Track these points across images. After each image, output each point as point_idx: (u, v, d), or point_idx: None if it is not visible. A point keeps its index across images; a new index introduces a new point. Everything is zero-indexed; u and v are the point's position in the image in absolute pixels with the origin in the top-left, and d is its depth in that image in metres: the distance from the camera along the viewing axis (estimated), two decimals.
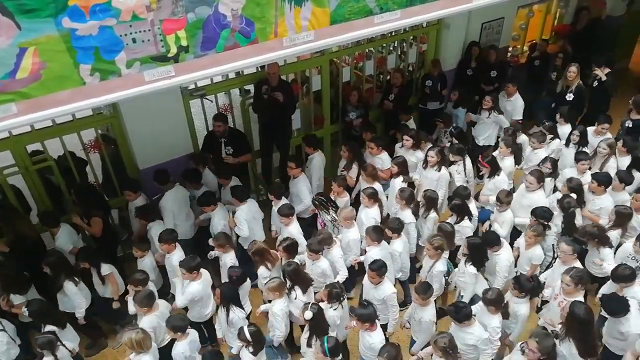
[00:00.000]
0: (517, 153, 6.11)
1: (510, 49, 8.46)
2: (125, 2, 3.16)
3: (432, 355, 4.02)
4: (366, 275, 4.47)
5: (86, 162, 5.79)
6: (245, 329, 4.01)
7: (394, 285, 4.65)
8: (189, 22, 3.46)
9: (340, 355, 3.93)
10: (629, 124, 6.57)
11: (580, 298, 4.23)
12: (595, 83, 7.24)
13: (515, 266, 4.97)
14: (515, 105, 6.94)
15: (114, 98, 3.47)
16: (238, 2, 3.59)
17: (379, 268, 4.30)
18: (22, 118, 3.17)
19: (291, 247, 4.71)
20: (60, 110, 3.29)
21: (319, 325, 4.09)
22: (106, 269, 4.87)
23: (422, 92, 7.43)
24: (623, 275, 4.20)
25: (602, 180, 5.21)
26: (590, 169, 5.66)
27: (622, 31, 9.03)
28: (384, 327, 4.43)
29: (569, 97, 6.90)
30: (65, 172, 5.52)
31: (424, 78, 7.40)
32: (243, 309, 4.40)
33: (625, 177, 5.28)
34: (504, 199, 5.19)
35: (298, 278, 4.48)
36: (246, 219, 5.25)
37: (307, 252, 4.72)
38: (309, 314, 4.02)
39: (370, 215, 5.26)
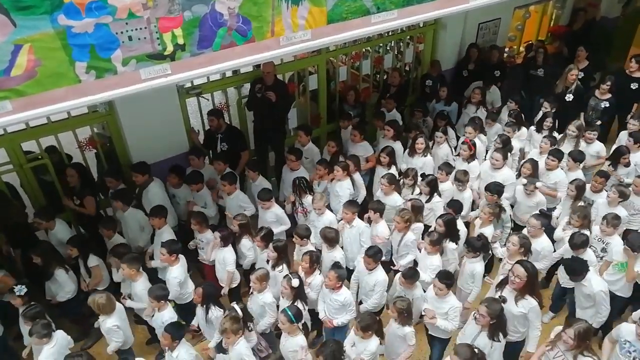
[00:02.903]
0: (483, 134, 6.45)
1: (506, 49, 8.48)
2: (121, 0, 3.14)
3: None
4: (362, 260, 4.58)
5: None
6: (236, 306, 4.11)
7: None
8: (186, 20, 3.45)
9: (303, 319, 4.18)
10: (605, 104, 6.81)
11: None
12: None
13: None
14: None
15: (110, 96, 3.45)
16: (235, 1, 3.58)
17: (375, 254, 4.44)
18: (17, 115, 3.14)
19: (267, 236, 4.83)
20: (56, 107, 3.27)
21: (303, 292, 4.37)
22: (94, 260, 4.88)
23: (422, 91, 7.43)
24: (580, 242, 4.64)
25: (558, 157, 5.70)
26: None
27: (618, 32, 9.07)
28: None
29: (569, 97, 6.96)
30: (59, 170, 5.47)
31: (423, 78, 7.41)
32: (222, 307, 4.45)
33: (577, 156, 5.77)
34: (462, 178, 5.46)
35: (285, 255, 4.65)
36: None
37: (295, 238, 4.87)
38: (296, 282, 4.24)
39: (344, 186, 5.48)
